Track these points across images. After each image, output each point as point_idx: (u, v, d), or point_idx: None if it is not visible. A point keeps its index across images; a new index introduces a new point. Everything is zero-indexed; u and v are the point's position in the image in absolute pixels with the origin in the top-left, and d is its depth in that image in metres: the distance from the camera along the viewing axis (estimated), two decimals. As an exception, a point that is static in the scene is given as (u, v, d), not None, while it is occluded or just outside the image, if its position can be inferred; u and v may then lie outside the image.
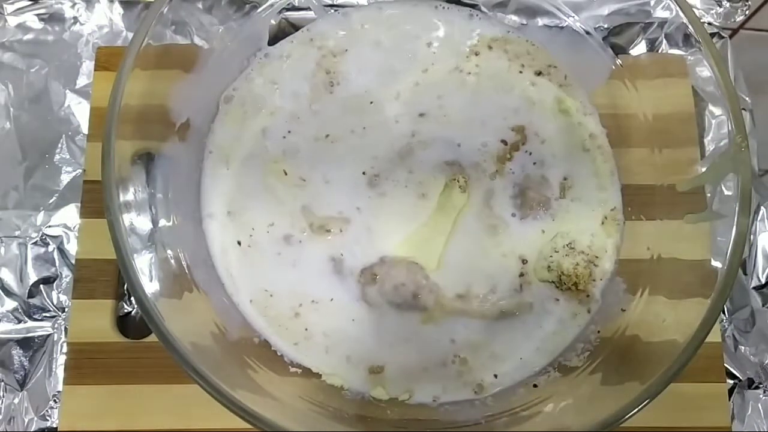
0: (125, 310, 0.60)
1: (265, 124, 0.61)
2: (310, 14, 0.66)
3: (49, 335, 0.60)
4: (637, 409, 0.45)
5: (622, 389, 0.49)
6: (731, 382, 0.61)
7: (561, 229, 0.59)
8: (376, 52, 0.64)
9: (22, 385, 0.59)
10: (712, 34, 0.70)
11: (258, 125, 0.61)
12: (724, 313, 0.63)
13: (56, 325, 0.60)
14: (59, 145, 0.65)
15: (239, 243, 0.58)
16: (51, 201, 0.63)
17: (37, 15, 0.69)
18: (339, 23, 0.65)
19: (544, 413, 0.52)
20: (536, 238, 0.59)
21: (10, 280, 0.61)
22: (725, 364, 0.60)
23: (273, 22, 0.66)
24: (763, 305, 0.63)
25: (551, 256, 0.59)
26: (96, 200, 0.59)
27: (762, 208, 0.66)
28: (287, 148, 0.61)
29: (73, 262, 0.60)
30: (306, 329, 0.57)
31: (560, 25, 0.65)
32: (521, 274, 0.58)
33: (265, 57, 0.64)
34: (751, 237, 0.65)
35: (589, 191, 0.61)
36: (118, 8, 0.70)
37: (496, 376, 0.56)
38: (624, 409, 0.45)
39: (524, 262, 0.58)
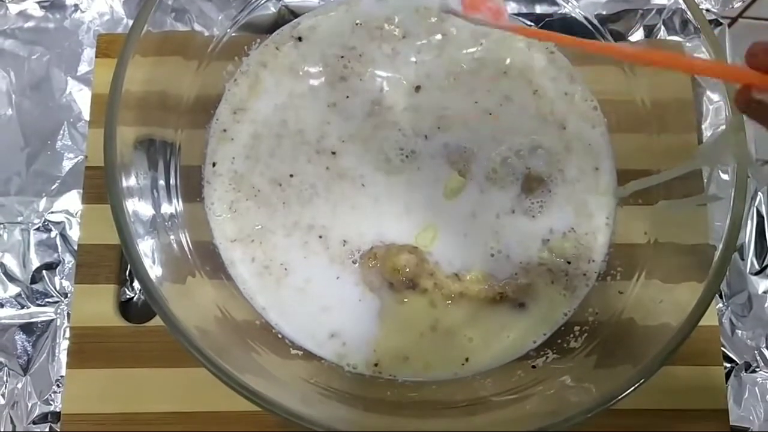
0: (127, 296, 0.60)
1: (267, 111, 0.62)
2: (310, 1, 0.66)
3: (51, 320, 0.61)
4: (630, 390, 0.45)
5: (617, 370, 0.49)
6: (728, 365, 0.61)
7: (558, 213, 0.60)
8: (376, 40, 0.64)
9: (25, 370, 0.59)
10: (711, 21, 0.70)
11: (259, 112, 0.62)
12: (721, 297, 0.63)
13: (59, 310, 0.61)
14: (61, 132, 0.65)
15: (241, 226, 0.59)
16: (53, 187, 0.64)
17: (38, 2, 0.69)
18: (340, 13, 0.65)
19: (541, 394, 0.52)
20: (534, 221, 0.60)
21: (13, 265, 0.62)
22: (722, 348, 0.61)
23: (273, 9, 0.66)
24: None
25: (549, 240, 0.59)
26: (98, 186, 0.60)
27: (759, 193, 0.66)
28: (290, 133, 0.61)
29: (76, 247, 0.60)
30: (307, 311, 0.57)
31: (559, 12, 0.65)
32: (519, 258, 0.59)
33: (265, 44, 0.64)
34: (749, 222, 0.65)
35: (586, 176, 0.61)
36: (118, -5, 0.70)
37: (493, 356, 0.57)
38: (618, 390, 0.45)
39: (522, 245, 0.59)
